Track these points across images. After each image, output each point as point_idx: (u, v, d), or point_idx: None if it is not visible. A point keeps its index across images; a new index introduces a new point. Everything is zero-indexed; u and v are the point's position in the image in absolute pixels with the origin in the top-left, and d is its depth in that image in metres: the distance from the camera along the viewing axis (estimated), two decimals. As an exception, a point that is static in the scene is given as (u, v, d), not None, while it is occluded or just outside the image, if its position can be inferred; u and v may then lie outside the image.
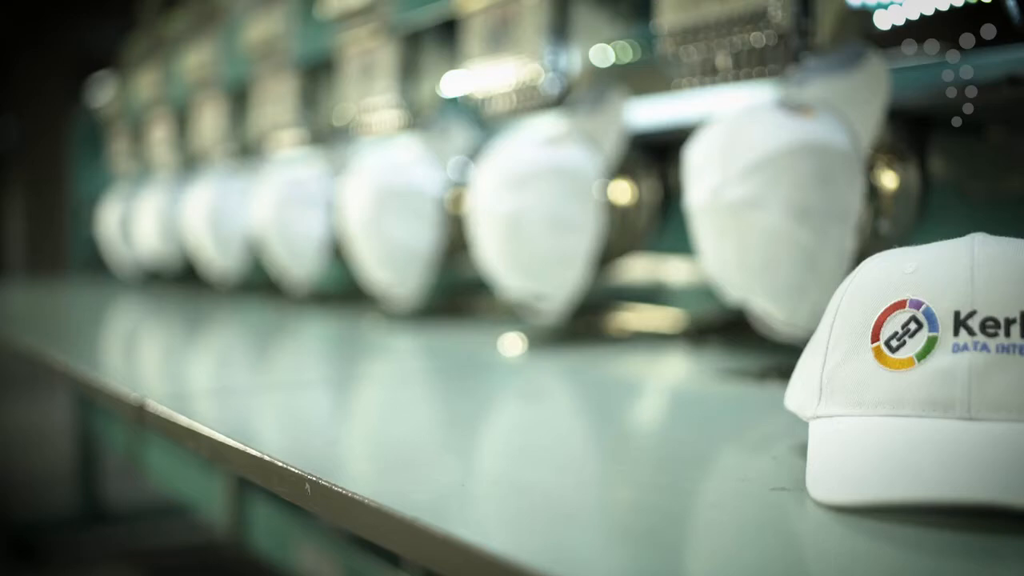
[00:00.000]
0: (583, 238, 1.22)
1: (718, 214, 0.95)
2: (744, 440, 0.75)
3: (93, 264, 3.21)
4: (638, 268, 1.47)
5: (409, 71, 1.65)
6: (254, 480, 0.67)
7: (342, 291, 1.92)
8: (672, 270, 1.44)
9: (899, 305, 0.57)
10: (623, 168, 1.28)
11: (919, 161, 1.05)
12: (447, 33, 1.60)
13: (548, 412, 0.93)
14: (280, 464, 0.63)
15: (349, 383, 1.15)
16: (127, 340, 1.78)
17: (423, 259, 1.51)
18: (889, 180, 1.00)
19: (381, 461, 0.72)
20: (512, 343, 1.25)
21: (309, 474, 0.60)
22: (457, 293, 1.73)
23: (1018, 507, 0.48)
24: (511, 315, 1.41)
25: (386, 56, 1.66)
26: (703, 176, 0.97)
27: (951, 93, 0.97)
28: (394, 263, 1.53)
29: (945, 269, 0.57)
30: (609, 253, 1.28)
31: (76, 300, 2.66)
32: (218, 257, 2.12)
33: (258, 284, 2.15)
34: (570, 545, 0.50)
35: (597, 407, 0.96)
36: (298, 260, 1.82)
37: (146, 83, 2.82)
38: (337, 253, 1.76)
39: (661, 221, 1.33)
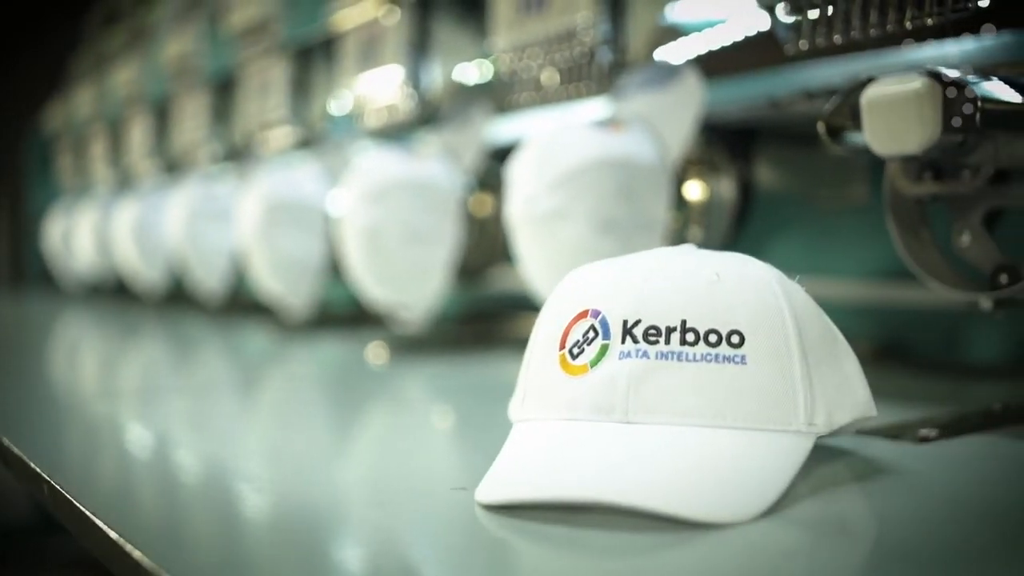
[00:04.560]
0: (439, 249, 1.26)
1: (531, 225, 1.00)
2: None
3: (44, 277, 3.25)
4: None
5: (300, 88, 1.70)
6: (21, 480, 0.71)
7: (255, 302, 1.95)
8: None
9: (583, 315, 0.61)
10: (485, 182, 1.32)
11: (740, 172, 1.09)
12: (333, 51, 1.64)
13: (385, 418, 0.97)
14: (31, 465, 0.67)
15: (190, 393, 1.19)
16: (29, 350, 1.82)
17: (313, 271, 1.55)
18: (699, 190, 1.04)
19: (162, 475, 0.76)
20: (376, 352, 1.29)
21: (47, 477, 0.64)
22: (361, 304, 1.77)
23: (656, 512, 0.50)
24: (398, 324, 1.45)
25: (278, 73, 1.71)
26: (520, 189, 1.01)
27: (771, 106, 1.01)
28: (285, 274, 1.57)
29: (623, 280, 0.61)
30: (471, 264, 1.32)
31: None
32: (144, 270, 2.16)
33: (185, 296, 2.18)
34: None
35: (440, 412, 1.00)
36: (209, 272, 1.87)
37: (86, 99, 2.86)
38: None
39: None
